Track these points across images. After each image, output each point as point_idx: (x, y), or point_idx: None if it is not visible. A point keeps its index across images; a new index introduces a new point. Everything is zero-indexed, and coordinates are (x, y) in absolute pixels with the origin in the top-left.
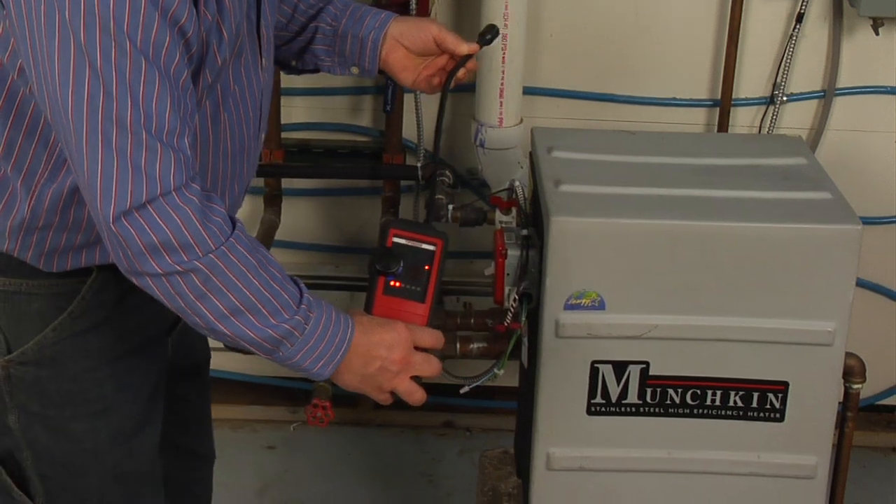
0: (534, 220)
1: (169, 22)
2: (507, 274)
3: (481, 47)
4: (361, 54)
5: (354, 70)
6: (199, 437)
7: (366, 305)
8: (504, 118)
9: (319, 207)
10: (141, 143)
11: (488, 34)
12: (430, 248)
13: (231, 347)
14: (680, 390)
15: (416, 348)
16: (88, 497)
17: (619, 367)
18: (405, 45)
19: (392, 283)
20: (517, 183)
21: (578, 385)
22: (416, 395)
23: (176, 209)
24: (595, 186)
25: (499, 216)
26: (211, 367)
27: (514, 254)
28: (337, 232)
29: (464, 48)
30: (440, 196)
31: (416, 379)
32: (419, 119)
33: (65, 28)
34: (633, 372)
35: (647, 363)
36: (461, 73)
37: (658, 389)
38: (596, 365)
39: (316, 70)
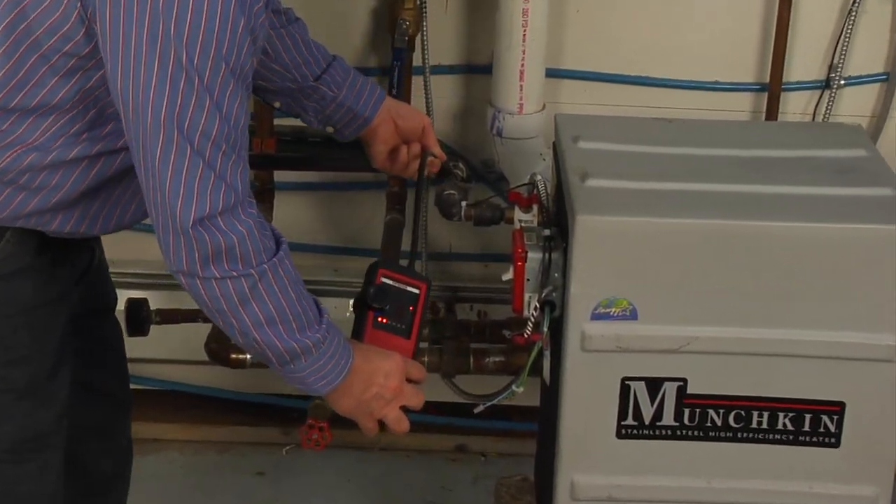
0: (557, 219)
1: (252, 42)
2: (528, 279)
3: (443, 166)
4: (348, 124)
5: (330, 130)
6: (119, 381)
7: (355, 335)
8: (524, 104)
9: (316, 203)
10: (221, 153)
11: (443, 174)
12: (415, 291)
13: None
14: (721, 411)
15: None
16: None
17: (653, 385)
18: (398, 122)
19: (380, 318)
20: (539, 177)
21: (607, 405)
22: (404, 424)
23: (241, 221)
24: (626, 181)
25: (518, 214)
26: (193, 383)
27: (534, 256)
28: (336, 231)
29: (437, 150)
30: (452, 192)
31: (402, 409)
32: (429, 104)
33: (167, 41)
34: (669, 390)
35: (685, 380)
36: (429, 161)
37: (697, 410)
38: (627, 382)
39: (295, 116)
